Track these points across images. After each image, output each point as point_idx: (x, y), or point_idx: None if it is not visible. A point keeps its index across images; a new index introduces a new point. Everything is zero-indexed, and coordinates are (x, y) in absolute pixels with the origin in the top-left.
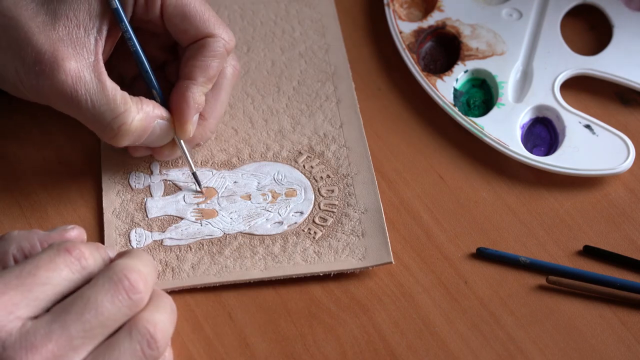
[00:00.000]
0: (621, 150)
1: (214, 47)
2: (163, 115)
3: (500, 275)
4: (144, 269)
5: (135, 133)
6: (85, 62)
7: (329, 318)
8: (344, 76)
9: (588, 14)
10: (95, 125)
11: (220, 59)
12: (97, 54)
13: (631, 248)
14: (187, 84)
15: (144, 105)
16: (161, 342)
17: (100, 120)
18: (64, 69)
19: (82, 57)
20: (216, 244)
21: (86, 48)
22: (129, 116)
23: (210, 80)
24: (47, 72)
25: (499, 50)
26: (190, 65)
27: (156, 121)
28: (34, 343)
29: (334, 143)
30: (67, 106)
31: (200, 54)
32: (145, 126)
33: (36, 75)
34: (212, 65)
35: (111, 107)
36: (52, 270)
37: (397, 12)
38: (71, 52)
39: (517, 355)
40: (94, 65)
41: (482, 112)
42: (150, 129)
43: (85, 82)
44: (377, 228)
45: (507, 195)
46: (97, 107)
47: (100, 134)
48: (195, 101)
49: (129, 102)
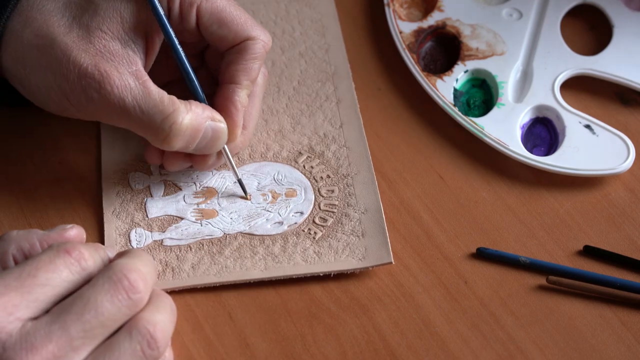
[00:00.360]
0: (621, 150)
1: (255, 49)
2: (214, 116)
3: (500, 275)
4: (144, 269)
5: (187, 133)
6: (127, 71)
7: (329, 318)
8: (344, 76)
9: (588, 14)
10: (147, 130)
11: (261, 60)
12: (137, 64)
13: (631, 248)
14: (233, 87)
15: (193, 106)
16: (161, 342)
17: (150, 124)
18: (109, 80)
19: (123, 67)
20: (216, 244)
21: (125, 59)
22: (178, 115)
23: (253, 83)
24: (94, 85)
25: (499, 50)
26: (232, 69)
27: (207, 122)
28: (34, 344)
29: (334, 143)
30: (116, 116)
31: (242, 58)
32: (196, 126)
33: (83, 90)
34: (254, 67)
35: (160, 108)
36: (52, 272)
37: (397, 12)
38: (112, 64)
39: (517, 355)
40: (136, 74)
41: (482, 112)
42: (202, 130)
43: (131, 89)
44: (377, 228)
45: (507, 195)
46: (146, 112)
47: (153, 139)
48: (243, 104)
49: (177, 102)
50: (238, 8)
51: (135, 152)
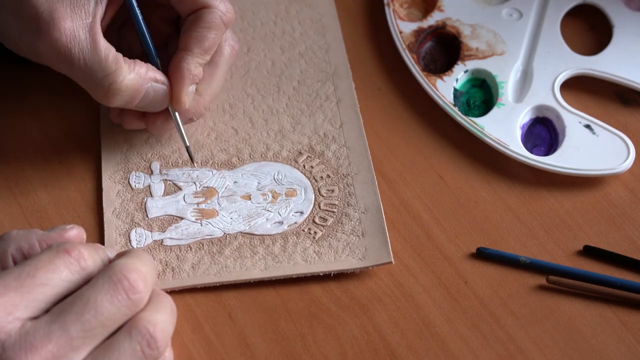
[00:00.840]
0: (621, 150)
1: (210, 19)
2: (157, 78)
3: (500, 275)
4: (144, 269)
5: (126, 93)
6: (82, 22)
7: (329, 318)
8: (344, 76)
9: (588, 14)
10: (87, 84)
11: (217, 30)
12: (95, 17)
13: (631, 248)
14: (183, 54)
15: (137, 67)
16: (161, 342)
17: (92, 79)
18: (59, 28)
19: (79, 18)
20: (216, 244)
21: (84, 9)
22: (119, 75)
23: (206, 52)
24: (44, 30)
25: (499, 50)
26: (186, 36)
27: (150, 84)
28: (33, 343)
29: (334, 143)
30: (61, 64)
31: (196, 25)
32: (136, 87)
33: (32, 34)
34: (207, 36)
35: (102, 65)
36: (52, 272)
37: (397, 12)
38: (68, 12)
39: (517, 355)
40: (90, 26)
41: (482, 112)
42: (142, 91)
43: (80, 41)
44: (377, 228)
45: (507, 195)
46: (89, 66)
47: (92, 93)
48: (190, 72)
49: (120, 62)
50: None
51: (136, 152)
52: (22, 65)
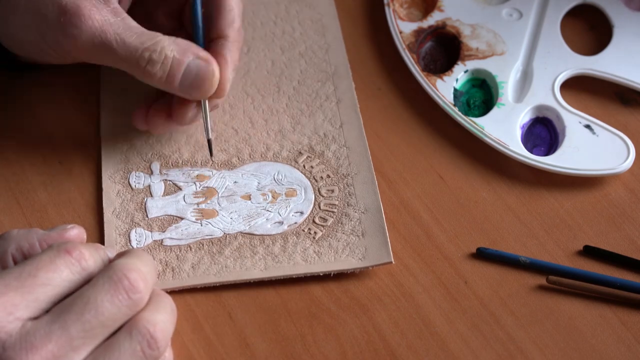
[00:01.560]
0: (621, 150)
1: (232, 2)
2: (199, 54)
3: (500, 275)
4: (144, 268)
5: (167, 63)
6: (106, 9)
7: (329, 318)
8: (344, 76)
9: (588, 14)
10: (128, 62)
11: (239, 10)
12: (114, 3)
13: (631, 248)
14: (221, 42)
15: (177, 40)
16: (161, 342)
17: (132, 55)
18: (90, 16)
19: (102, 5)
20: (216, 244)
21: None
22: (158, 45)
23: (240, 33)
24: (74, 21)
25: (499, 50)
26: (218, 23)
27: (192, 58)
28: (33, 343)
29: (334, 143)
30: (97, 50)
31: (222, 10)
32: (178, 58)
33: (62, 28)
34: (235, 18)
35: (142, 39)
36: (52, 272)
37: (397, 12)
38: (91, 2)
39: (517, 355)
40: (115, 11)
41: (482, 112)
42: (184, 64)
43: (112, 23)
44: (377, 228)
45: (507, 195)
46: (127, 43)
47: (134, 72)
48: (233, 57)
49: (159, 34)
50: None
51: (136, 152)
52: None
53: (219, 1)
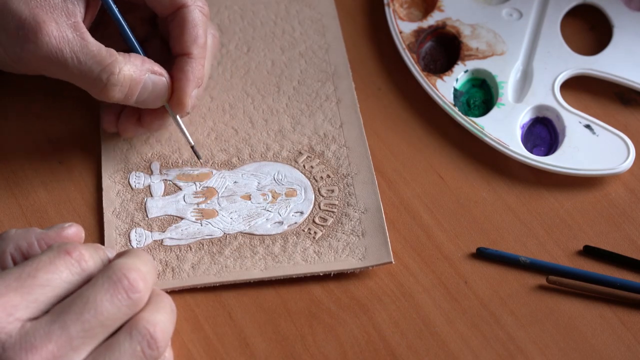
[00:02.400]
0: (621, 150)
1: (194, 17)
2: (154, 69)
3: (500, 275)
4: (143, 268)
5: (125, 84)
6: (66, 23)
7: (329, 318)
8: (344, 76)
9: (588, 14)
10: (85, 81)
11: (203, 26)
12: (77, 17)
13: (631, 248)
14: (185, 59)
15: (132, 58)
16: (161, 342)
17: (89, 75)
18: (47, 31)
19: (62, 20)
20: (216, 244)
21: (65, 12)
22: (116, 66)
23: (204, 49)
24: (31, 35)
25: (499, 50)
26: (181, 39)
27: (147, 75)
28: (33, 344)
29: (334, 143)
30: (54, 67)
31: (185, 26)
32: (135, 77)
33: (20, 41)
34: (199, 34)
35: (97, 59)
36: (52, 272)
37: (397, 12)
38: (51, 15)
39: (517, 355)
40: (75, 26)
41: (482, 112)
42: (141, 82)
43: (69, 40)
44: (377, 228)
45: (507, 195)
46: (84, 62)
47: (91, 90)
48: (195, 75)
49: (115, 54)
50: None
51: (136, 152)
52: None
53: (182, 18)
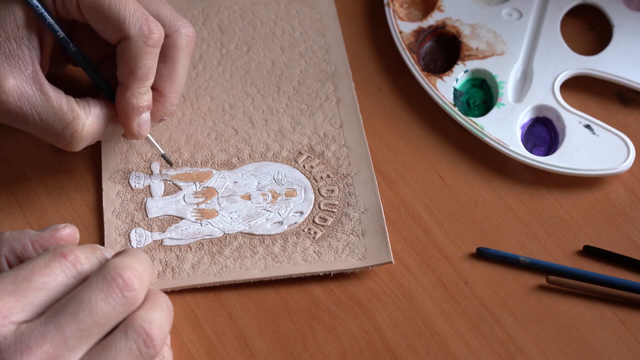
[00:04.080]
0: (621, 150)
1: (133, 50)
2: (113, 114)
3: (500, 275)
4: (139, 267)
5: (89, 137)
6: (24, 75)
7: (329, 318)
8: (344, 76)
9: (588, 14)
10: (48, 137)
11: (145, 56)
12: (34, 64)
13: (631, 248)
14: (122, 90)
15: (92, 108)
16: (157, 341)
17: (51, 132)
18: (4, 89)
19: (19, 71)
20: (216, 244)
21: (22, 60)
22: (79, 123)
23: (143, 80)
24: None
25: (499, 50)
26: (119, 71)
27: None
28: (28, 345)
29: (334, 143)
30: (15, 123)
31: (124, 58)
32: (97, 129)
33: None
34: (137, 66)
35: (59, 117)
36: (48, 275)
37: (397, 12)
38: (7, 69)
39: (517, 355)
40: (33, 77)
41: (482, 112)
42: (102, 129)
43: (28, 96)
44: (377, 228)
45: (507, 195)
46: (45, 120)
47: (54, 144)
48: (133, 106)
49: (76, 108)
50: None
51: (136, 152)
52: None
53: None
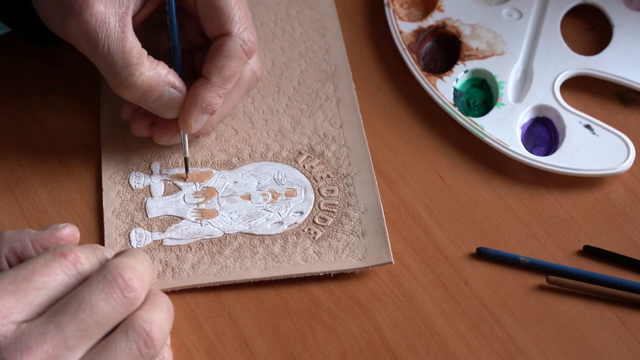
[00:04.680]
0: (621, 150)
1: (230, 47)
2: (175, 84)
3: (500, 275)
4: (139, 267)
5: (141, 89)
6: (115, 10)
7: (329, 318)
8: (344, 76)
9: (588, 14)
10: (106, 71)
11: (238, 59)
12: (128, 9)
13: (631, 248)
14: (203, 81)
15: (158, 67)
16: (158, 341)
17: (111, 67)
18: (92, 10)
19: (112, 5)
20: (216, 244)
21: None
22: (138, 69)
23: (226, 81)
24: (77, 9)
25: (499, 50)
26: (208, 64)
27: (166, 87)
28: (28, 344)
29: (334, 143)
30: (86, 46)
31: (217, 53)
32: (152, 86)
33: (66, 13)
34: (227, 65)
35: (125, 56)
36: (48, 275)
37: (397, 12)
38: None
39: (517, 355)
40: (122, 17)
41: (482, 112)
42: (158, 92)
43: (108, 27)
44: (377, 228)
45: (507, 195)
46: (112, 54)
47: (109, 81)
48: (205, 100)
49: (143, 57)
50: (239, 2)
51: (136, 152)
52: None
53: (219, 44)
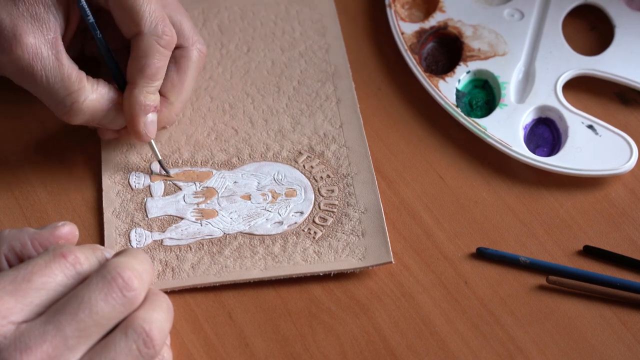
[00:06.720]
0: (624, 151)
1: (144, 46)
2: (119, 100)
3: (500, 275)
4: (139, 267)
5: (88, 112)
6: (44, 38)
7: (329, 318)
8: (344, 76)
9: (589, 14)
10: (49, 101)
11: (157, 56)
12: (56, 32)
13: (631, 248)
14: (130, 88)
15: (99, 87)
16: (157, 341)
17: (54, 97)
18: (22, 44)
19: (40, 33)
20: (216, 244)
21: (45, 25)
22: (82, 95)
23: (151, 79)
24: (6, 46)
25: (500, 51)
26: (129, 68)
27: (111, 106)
28: (28, 344)
29: (334, 143)
30: (23, 80)
31: (135, 54)
32: (98, 107)
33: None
34: (147, 64)
35: (65, 84)
36: (47, 276)
37: (398, 12)
38: (30, 28)
39: (517, 355)
40: (53, 42)
41: (484, 113)
42: (104, 111)
43: (42, 58)
44: (377, 228)
45: (507, 195)
46: (52, 84)
47: (54, 110)
48: (139, 104)
49: (84, 81)
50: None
51: (136, 152)
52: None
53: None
